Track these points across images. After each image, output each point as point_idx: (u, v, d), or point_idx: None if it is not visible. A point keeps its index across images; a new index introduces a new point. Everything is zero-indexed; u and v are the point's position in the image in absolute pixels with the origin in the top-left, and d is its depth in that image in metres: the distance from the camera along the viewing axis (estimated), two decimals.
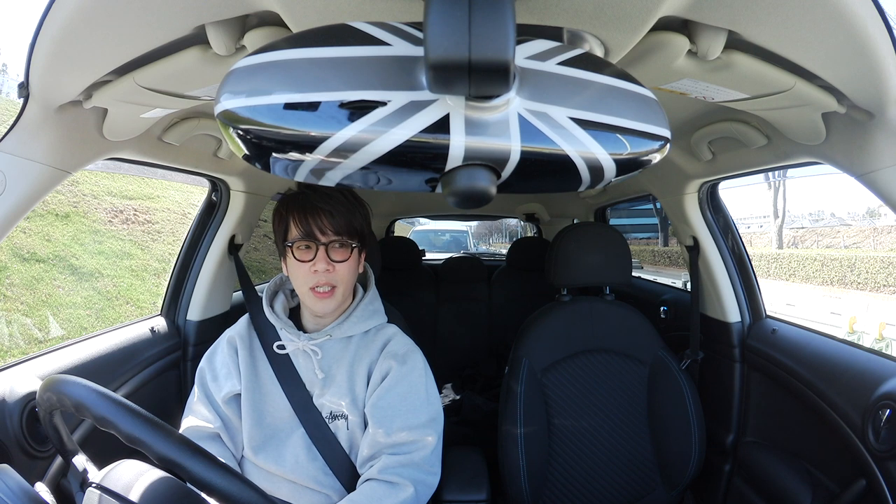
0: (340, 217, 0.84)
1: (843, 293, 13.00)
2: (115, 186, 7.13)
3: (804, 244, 20.44)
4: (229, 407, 0.91)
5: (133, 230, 6.68)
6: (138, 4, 0.50)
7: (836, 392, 0.98)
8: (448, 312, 2.58)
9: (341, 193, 0.88)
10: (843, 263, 14.22)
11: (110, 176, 7.13)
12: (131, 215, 6.88)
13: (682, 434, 1.20)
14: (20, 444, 0.77)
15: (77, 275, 5.49)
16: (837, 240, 19.62)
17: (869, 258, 13.73)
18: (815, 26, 0.51)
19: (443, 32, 0.28)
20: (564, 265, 1.31)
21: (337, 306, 0.89)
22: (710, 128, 1.03)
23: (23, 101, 0.67)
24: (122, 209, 6.88)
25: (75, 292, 5.30)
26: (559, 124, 0.35)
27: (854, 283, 13.75)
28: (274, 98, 0.31)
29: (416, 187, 0.37)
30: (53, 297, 5.06)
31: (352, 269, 0.88)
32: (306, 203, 0.85)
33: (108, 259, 6.00)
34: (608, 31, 0.50)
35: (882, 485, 0.84)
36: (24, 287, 4.93)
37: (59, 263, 5.44)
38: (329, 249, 0.84)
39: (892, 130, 0.68)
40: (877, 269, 13.36)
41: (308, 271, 0.84)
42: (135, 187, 7.37)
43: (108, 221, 6.54)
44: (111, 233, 6.40)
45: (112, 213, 6.69)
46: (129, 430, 0.51)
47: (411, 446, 0.83)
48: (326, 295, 0.85)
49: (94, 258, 5.83)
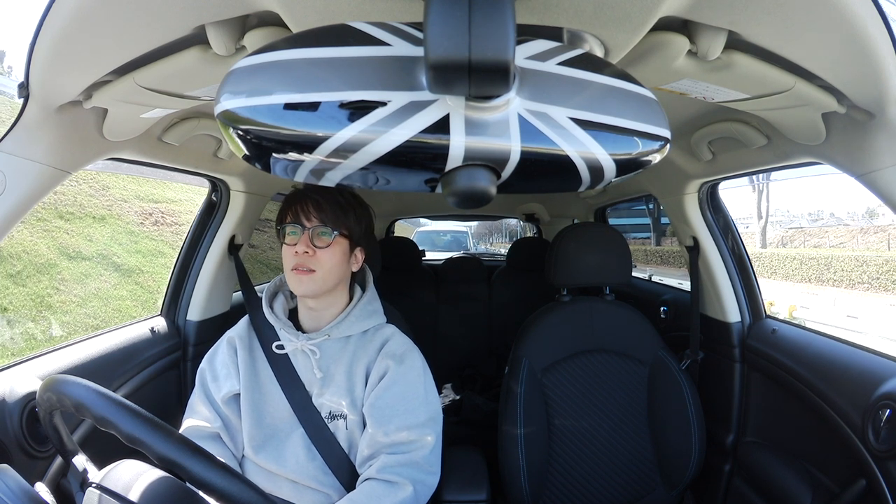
0: (328, 207, 0.88)
1: (820, 290, 13.35)
2: (142, 191, 7.64)
3: (792, 244, 20.64)
4: (229, 407, 0.91)
5: (163, 231, 7.25)
6: (138, 4, 0.50)
7: (836, 392, 0.98)
8: (448, 312, 2.58)
9: (339, 191, 0.90)
10: (821, 262, 14.67)
11: (135, 180, 7.63)
12: (160, 217, 7.43)
13: (682, 434, 1.20)
14: (20, 444, 0.77)
15: (120, 271, 6.09)
16: (825, 240, 19.81)
17: (846, 257, 14.18)
18: (815, 26, 0.51)
19: (443, 32, 0.28)
20: (564, 265, 1.31)
21: (318, 290, 0.89)
22: (710, 128, 1.03)
23: (23, 101, 0.67)
24: (151, 212, 7.42)
25: (120, 286, 5.90)
26: (559, 124, 0.35)
27: (830, 280, 14.16)
28: (274, 98, 0.31)
29: (417, 187, 0.37)
30: (102, 290, 5.70)
31: (335, 258, 0.88)
32: (302, 194, 0.90)
33: (145, 257, 6.55)
34: (608, 32, 0.50)
35: (882, 485, 0.84)
36: (75, 282, 5.48)
37: (104, 261, 6.03)
38: (312, 234, 0.87)
39: (892, 130, 0.68)
40: (851, 268, 13.75)
41: (291, 253, 0.87)
42: (159, 191, 7.84)
43: (139, 223, 7.11)
44: (144, 233, 6.99)
45: (142, 215, 7.25)
46: (129, 429, 0.51)
47: (410, 446, 0.83)
48: (304, 273, 0.87)
49: (132, 256, 6.43)
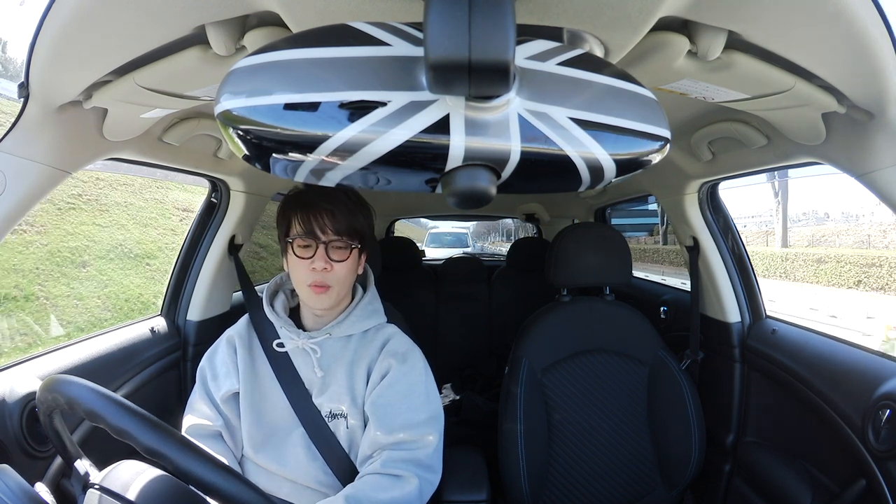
0: (342, 217, 0.85)
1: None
2: (176, 197, 7.95)
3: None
4: (228, 406, 0.91)
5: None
6: (138, 4, 0.50)
7: (836, 392, 0.97)
8: (448, 312, 2.58)
9: (345, 194, 0.88)
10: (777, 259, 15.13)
11: (163, 186, 7.93)
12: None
13: (682, 434, 1.20)
14: (20, 444, 0.77)
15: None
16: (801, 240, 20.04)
17: (806, 255, 14.50)
18: (815, 26, 0.51)
19: (443, 32, 0.28)
20: (564, 265, 1.31)
21: (333, 304, 0.89)
22: (710, 128, 1.03)
23: (23, 101, 0.67)
24: (186, 218, 7.80)
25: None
26: (559, 124, 0.35)
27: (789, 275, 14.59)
28: (274, 98, 0.31)
29: (416, 187, 0.37)
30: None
31: (350, 269, 0.88)
32: (309, 201, 0.86)
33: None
34: (608, 32, 0.50)
35: (882, 485, 0.84)
36: (164, 273, 5.80)
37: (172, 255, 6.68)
38: (329, 248, 0.85)
39: (892, 130, 0.68)
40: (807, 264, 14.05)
41: (307, 268, 0.85)
42: (185, 196, 8.13)
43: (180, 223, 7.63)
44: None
45: (181, 220, 7.65)
46: (119, 424, 0.51)
47: (412, 444, 0.83)
48: (322, 290, 0.86)
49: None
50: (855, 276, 12.22)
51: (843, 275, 12.60)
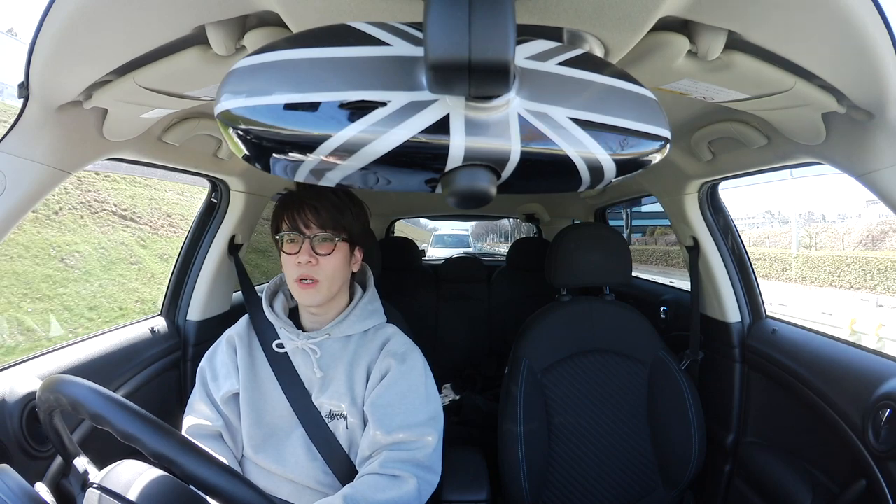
0: (325, 212, 0.87)
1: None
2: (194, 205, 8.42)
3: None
4: (228, 406, 0.91)
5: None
6: (138, 4, 0.50)
7: (836, 392, 0.98)
8: (448, 312, 2.58)
9: (332, 192, 0.89)
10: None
11: (180, 192, 8.23)
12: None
13: (682, 434, 1.20)
14: (20, 444, 0.77)
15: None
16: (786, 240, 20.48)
17: (784, 256, 15.81)
18: (815, 26, 0.51)
19: (443, 32, 0.28)
20: (564, 265, 1.31)
21: (323, 300, 0.89)
22: (710, 128, 1.03)
23: (23, 102, 0.67)
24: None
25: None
26: (559, 125, 0.35)
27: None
28: (274, 98, 0.31)
29: (416, 187, 0.37)
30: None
31: (337, 264, 0.88)
32: (296, 199, 0.88)
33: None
34: (608, 32, 0.50)
35: (882, 485, 0.84)
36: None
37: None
38: (313, 243, 0.86)
39: (892, 130, 0.68)
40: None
41: (293, 263, 0.87)
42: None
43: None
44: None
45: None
46: (124, 426, 0.51)
47: (411, 445, 0.83)
48: (310, 286, 0.86)
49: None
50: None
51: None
